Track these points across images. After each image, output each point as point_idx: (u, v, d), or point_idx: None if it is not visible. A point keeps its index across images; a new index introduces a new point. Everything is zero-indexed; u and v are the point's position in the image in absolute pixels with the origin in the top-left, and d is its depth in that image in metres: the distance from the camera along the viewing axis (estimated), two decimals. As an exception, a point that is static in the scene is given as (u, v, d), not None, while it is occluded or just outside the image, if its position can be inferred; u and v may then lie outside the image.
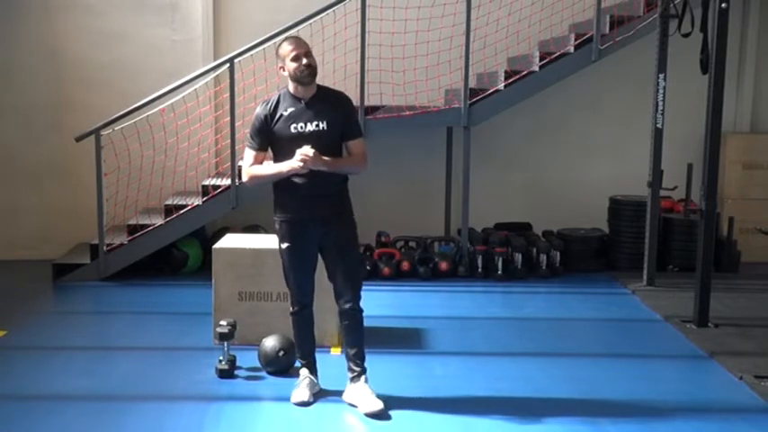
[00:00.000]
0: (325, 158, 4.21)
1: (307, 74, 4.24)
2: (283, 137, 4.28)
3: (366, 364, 4.48)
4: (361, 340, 4.46)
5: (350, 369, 4.49)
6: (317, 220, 4.32)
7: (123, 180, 7.37)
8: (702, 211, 5.91)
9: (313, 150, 4.16)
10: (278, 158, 4.35)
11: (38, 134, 8.03)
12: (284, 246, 4.42)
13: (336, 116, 4.30)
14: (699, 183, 6.13)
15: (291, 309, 4.54)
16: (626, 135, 8.34)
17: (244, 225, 7.75)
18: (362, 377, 4.44)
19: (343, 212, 4.41)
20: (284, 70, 4.30)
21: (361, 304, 4.43)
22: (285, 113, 4.27)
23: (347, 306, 4.40)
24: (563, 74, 7.50)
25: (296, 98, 4.30)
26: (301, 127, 4.26)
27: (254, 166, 4.37)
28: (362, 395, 4.39)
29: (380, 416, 4.29)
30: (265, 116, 4.31)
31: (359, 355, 4.46)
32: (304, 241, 4.37)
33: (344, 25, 7.32)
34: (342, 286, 4.40)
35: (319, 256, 4.47)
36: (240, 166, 7.10)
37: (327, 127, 4.26)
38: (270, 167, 4.36)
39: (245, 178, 4.45)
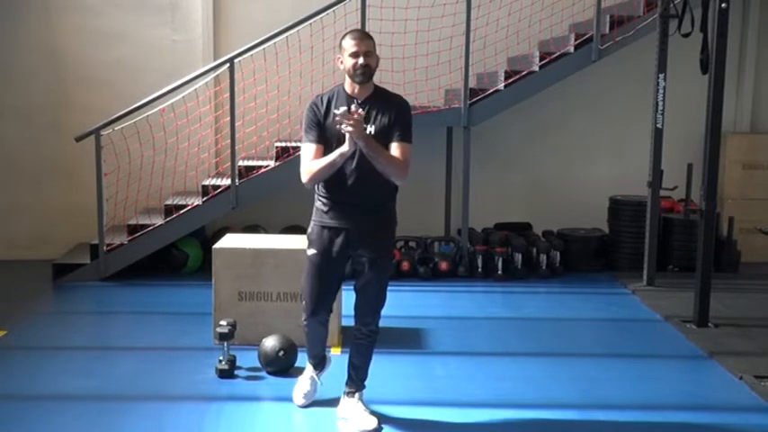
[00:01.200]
0: (367, 135, 3.90)
1: (360, 73, 3.97)
2: (332, 135, 4.00)
3: (366, 383, 4.36)
4: (368, 361, 4.33)
5: (349, 383, 4.36)
6: (356, 232, 4.06)
7: (123, 180, 7.37)
8: (702, 211, 5.91)
9: (360, 114, 3.84)
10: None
11: (38, 134, 8.03)
12: (311, 252, 4.13)
13: (386, 121, 4.03)
14: (699, 183, 6.13)
15: (304, 319, 4.29)
16: (626, 135, 8.34)
17: (244, 225, 7.75)
18: (357, 394, 4.32)
19: (384, 228, 4.17)
20: (342, 64, 4.04)
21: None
22: (338, 112, 3.89)
23: (366, 328, 4.25)
24: (563, 74, 7.50)
25: (350, 97, 4.05)
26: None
27: (313, 161, 4.00)
28: (356, 412, 4.26)
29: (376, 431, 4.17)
30: (316, 110, 4.05)
31: (362, 374, 4.34)
32: (334, 252, 4.09)
33: (344, 25, 7.29)
34: (365, 306, 4.21)
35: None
36: (240, 167, 7.19)
37: (375, 132, 3.99)
38: (324, 158, 3.99)
39: (304, 178, 4.03)
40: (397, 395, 4.62)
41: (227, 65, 7.04)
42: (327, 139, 4.03)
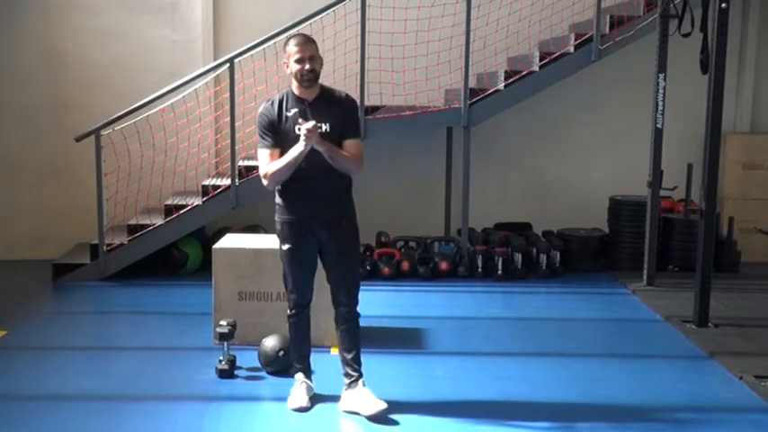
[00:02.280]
0: (324, 141, 4.15)
1: (308, 78, 4.20)
2: (288, 138, 4.23)
3: (363, 369, 4.43)
4: (357, 345, 4.43)
5: (346, 374, 4.43)
6: (319, 223, 4.30)
7: (123, 180, 7.37)
8: (702, 211, 5.91)
9: (313, 124, 4.11)
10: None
11: (38, 134, 8.03)
12: (285, 247, 4.39)
13: (338, 118, 4.27)
14: (699, 183, 6.13)
15: (289, 311, 4.49)
16: (626, 135, 8.34)
17: (244, 225, 7.75)
18: (360, 381, 4.40)
19: (345, 216, 4.37)
20: (287, 68, 4.25)
21: (358, 309, 4.41)
22: (290, 114, 4.24)
23: (344, 311, 4.39)
24: (563, 74, 7.50)
25: (300, 99, 4.27)
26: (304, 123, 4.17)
27: (271, 164, 4.26)
28: (363, 398, 4.34)
29: (384, 416, 4.27)
30: (270, 115, 4.27)
31: (355, 359, 4.42)
32: (305, 243, 4.34)
33: (344, 25, 7.31)
34: (339, 291, 4.39)
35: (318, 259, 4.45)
36: (241, 167, 7.19)
37: (330, 129, 4.23)
38: (282, 159, 4.23)
39: (264, 181, 4.31)
40: (398, 395, 4.60)
41: (227, 65, 7.04)
42: (282, 142, 4.26)
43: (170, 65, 7.87)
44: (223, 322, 5.01)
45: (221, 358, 4.92)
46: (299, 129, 4.14)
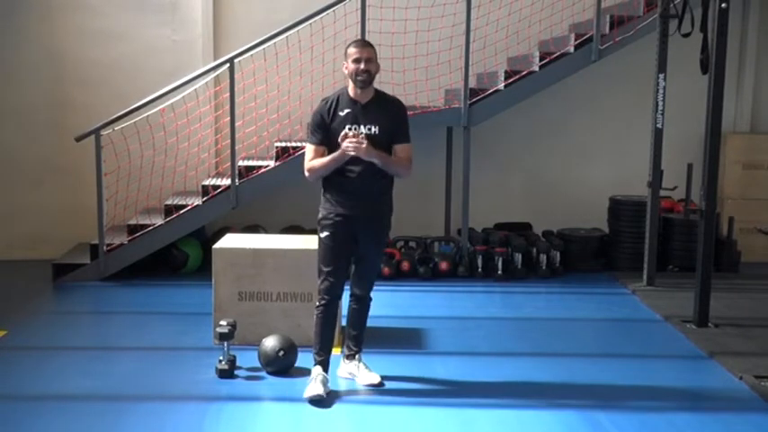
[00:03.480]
0: (375, 151, 4.38)
1: (362, 78, 4.42)
2: (335, 135, 4.43)
3: (362, 346, 4.83)
4: (364, 324, 4.82)
5: (348, 347, 4.83)
6: (360, 218, 4.51)
7: (123, 180, 7.37)
8: (702, 211, 5.91)
9: (360, 136, 4.36)
10: None
11: (38, 134, 8.03)
12: (324, 234, 4.54)
13: (388, 122, 4.49)
14: (699, 183, 6.13)
15: (318, 303, 4.58)
16: (626, 135, 8.34)
17: (244, 225, 7.75)
18: (358, 355, 4.80)
19: (384, 213, 4.64)
20: (346, 69, 4.47)
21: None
22: (342, 114, 4.46)
23: (360, 293, 4.73)
24: (563, 74, 7.51)
25: (353, 100, 4.49)
26: (355, 129, 4.43)
27: (314, 161, 4.49)
28: (360, 369, 4.76)
29: (378, 387, 4.67)
30: (323, 114, 4.49)
31: (358, 337, 4.81)
32: (345, 233, 4.51)
33: (344, 25, 7.31)
34: (362, 279, 4.70)
35: None
36: (240, 167, 7.20)
37: (379, 132, 4.45)
38: (324, 159, 4.48)
39: (306, 174, 4.55)
40: (397, 395, 4.62)
41: (227, 65, 7.04)
42: (330, 140, 4.47)
43: (170, 65, 7.88)
44: (223, 322, 5.01)
45: (221, 358, 4.92)
46: (349, 131, 4.39)
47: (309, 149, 4.53)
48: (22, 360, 5.22)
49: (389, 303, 6.55)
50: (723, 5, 5.66)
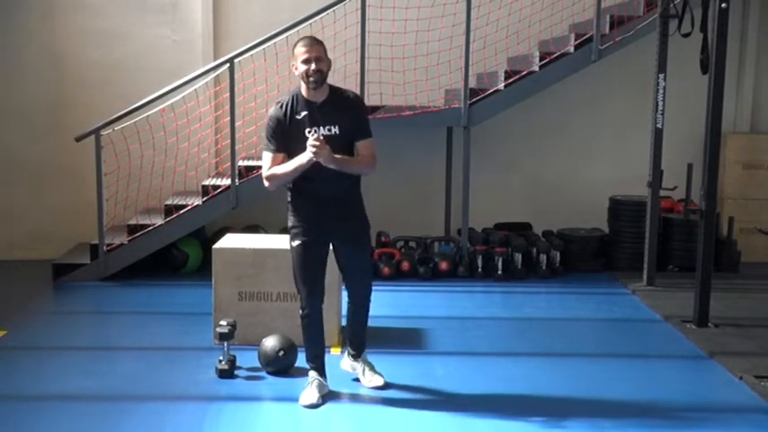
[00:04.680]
0: (335, 156, 4.21)
1: (315, 78, 4.25)
2: (298, 141, 4.27)
3: (366, 342, 4.76)
4: (365, 324, 4.72)
5: (351, 347, 4.76)
6: (330, 220, 4.39)
7: (123, 180, 7.37)
8: (702, 211, 5.91)
9: (322, 141, 4.17)
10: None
11: (38, 134, 8.03)
12: (295, 243, 4.43)
13: (347, 119, 4.34)
14: (699, 183, 6.13)
15: (301, 311, 4.51)
16: (626, 135, 8.34)
17: (244, 225, 7.75)
18: (363, 354, 4.72)
19: (354, 212, 4.50)
20: (295, 69, 4.31)
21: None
22: (299, 117, 4.30)
23: (354, 292, 4.62)
24: (563, 74, 7.50)
25: (308, 101, 4.32)
26: (315, 130, 4.28)
27: (273, 168, 4.33)
28: (365, 371, 4.69)
29: (381, 392, 4.61)
30: (280, 118, 4.32)
31: (359, 340, 4.72)
32: (316, 239, 4.41)
33: (344, 25, 7.31)
34: (352, 279, 4.60)
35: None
36: (241, 167, 7.19)
37: (339, 131, 4.31)
38: (285, 165, 4.31)
39: (266, 182, 4.39)
40: (398, 395, 4.61)
41: (227, 65, 7.04)
42: (289, 144, 4.32)
43: (170, 65, 7.87)
44: (223, 322, 5.01)
45: (221, 358, 4.92)
46: (309, 134, 4.25)
47: (267, 157, 4.34)
48: (22, 360, 5.23)
49: (389, 303, 6.54)
50: (723, 5, 5.65)
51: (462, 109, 7.34)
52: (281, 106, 4.34)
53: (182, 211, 7.19)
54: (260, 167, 7.12)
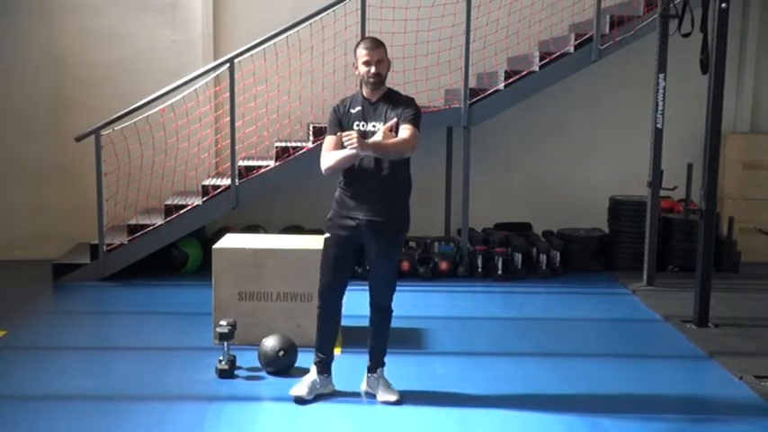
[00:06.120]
0: (368, 141, 4.25)
1: (374, 81, 4.39)
2: None
3: (385, 360, 4.63)
4: (386, 338, 4.64)
5: (371, 360, 4.64)
6: (366, 223, 4.41)
7: (123, 180, 7.37)
8: (702, 211, 5.91)
9: (354, 133, 4.21)
10: None
11: (38, 134, 8.03)
12: (327, 235, 4.51)
13: (395, 116, 4.41)
14: (699, 183, 6.13)
15: (318, 305, 4.57)
16: (626, 135, 8.34)
17: (244, 225, 7.75)
18: (379, 370, 4.61)
19: (393, 223, 4.47)
20: (356, 69, 4.45)
21: (393, 305, 4.59)
22: (353, 111, 4.48)
23: (376, 304, 4.56)
24: (563, 74, 7.51)
25: (365, 98, 4.48)
26: (362, 125, 4.43)
27: (329, 153, 4.43)
28: (379, 386, 4.58)
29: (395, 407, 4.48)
30: (338, 110, 4.52)
31: (381, 350, 4.63)
32: (347, 237, 4.45)
33: (344, 25, 7.32)
34: (376, 289, 4.56)
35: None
36: (240, 167, 7.20)
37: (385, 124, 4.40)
38: (337, 153, 4.39)
39: (321, 166, 4.47)
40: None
41: (227, 65, 7.04)
42: None
43: (170, 65, 7.87)
44: (223, 322, 5.01)
45: (221, 358, 4.92)
46: (356, 128, 4.38)
47: (327, 141, 4.48)
48: (22, 360, 5.22)
49: (389, 303, 6.55)
50: (723, 5, 5.66)
51: (462, 109, 7.34)
52: (343, 100, 4.57)
53: (182, 211, 7.19)
54: (259, 167, 7.23)
